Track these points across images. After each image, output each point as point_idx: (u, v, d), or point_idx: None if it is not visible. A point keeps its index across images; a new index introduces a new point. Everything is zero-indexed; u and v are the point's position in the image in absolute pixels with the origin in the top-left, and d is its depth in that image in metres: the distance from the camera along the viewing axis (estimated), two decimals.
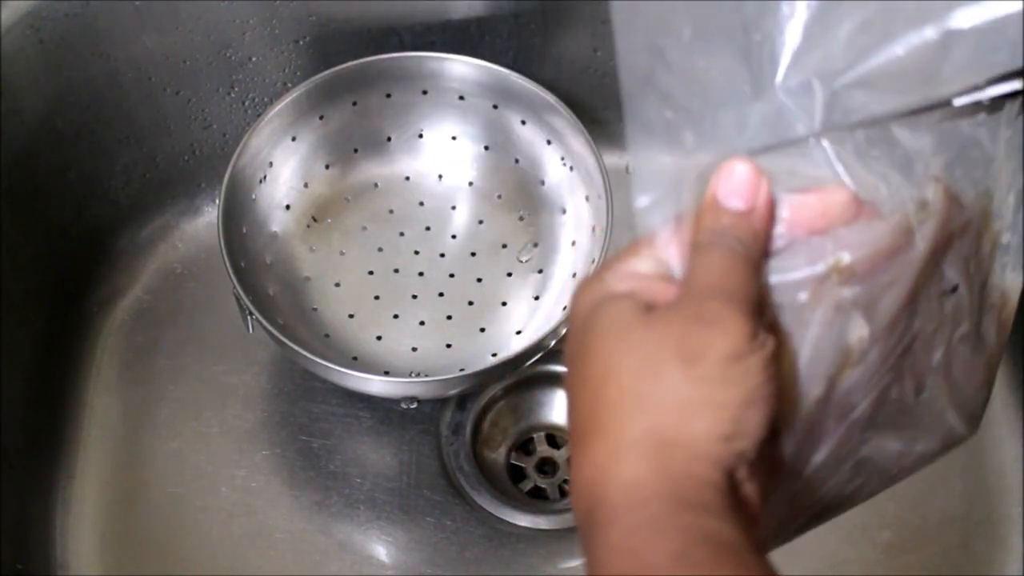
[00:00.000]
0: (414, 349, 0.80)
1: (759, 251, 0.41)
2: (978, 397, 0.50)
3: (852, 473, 0.47)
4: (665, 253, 0.42)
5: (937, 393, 0.48)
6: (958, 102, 0.42)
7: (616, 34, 0.43)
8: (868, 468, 0.47)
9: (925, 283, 0.44)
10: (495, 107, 0.82)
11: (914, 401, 0.47)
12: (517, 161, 0.84)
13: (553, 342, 0.76)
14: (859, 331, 0.42)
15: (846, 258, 0.41)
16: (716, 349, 0.39)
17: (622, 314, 0.41)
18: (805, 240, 0.42)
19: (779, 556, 0.42)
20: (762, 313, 0.41)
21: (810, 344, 0.42)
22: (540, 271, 0.82)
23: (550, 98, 0.79)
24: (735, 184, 0.41)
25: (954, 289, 0.45)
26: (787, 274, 0.42)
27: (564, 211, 0.82)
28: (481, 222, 0.84)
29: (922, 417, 0.48)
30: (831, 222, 0.42)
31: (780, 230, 0.42)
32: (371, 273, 0.83)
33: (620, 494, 0.39)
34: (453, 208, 0.85)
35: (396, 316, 0.81)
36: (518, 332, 0.81)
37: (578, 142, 0.79)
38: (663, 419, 0.39)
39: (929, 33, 0.41)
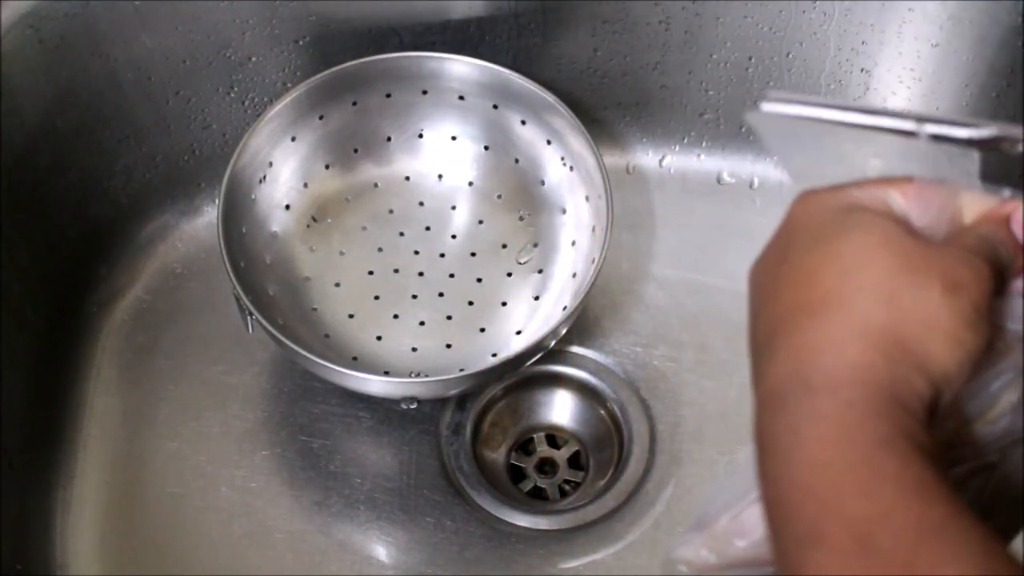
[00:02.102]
0: (414, 349, 0.80)
1: (1006, 276, 0.44)
2: None
3: None
4: (908, 203, 0.44)
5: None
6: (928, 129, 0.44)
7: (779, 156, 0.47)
8: None
9: None
10: (495, 107, 0.82)
11: (977, 501, 0.47)
12: (517, 161, 0.84)
13: (553, 342, 0.76)
14: (1014, 396, 0.44)
15: None
16: (973, 293, 0.41)
17: (889, 223, 0.43)
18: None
19: None
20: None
21: (977, 378, 0.43)
22: (540, 271, 0.82)
23: (550, 98, 0.79)
24: None
25: None
26: (997, 316, 0.43)
27: (564, 211, 0.82)
28: (481, 222, 0.84)
29: None
30: None
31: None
32: (371, 273, 0.83)
33: (845, 368, 0.40)
34: (453, 208, 0.85)
35: (396, 316, 0.81)
36: (518, 332, 0.81)
37: (578, 142, 0.79)
38: (908, 325, 0.41)
39: None
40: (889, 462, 0.38)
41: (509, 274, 0.83)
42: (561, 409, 0.83)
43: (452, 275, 0.83)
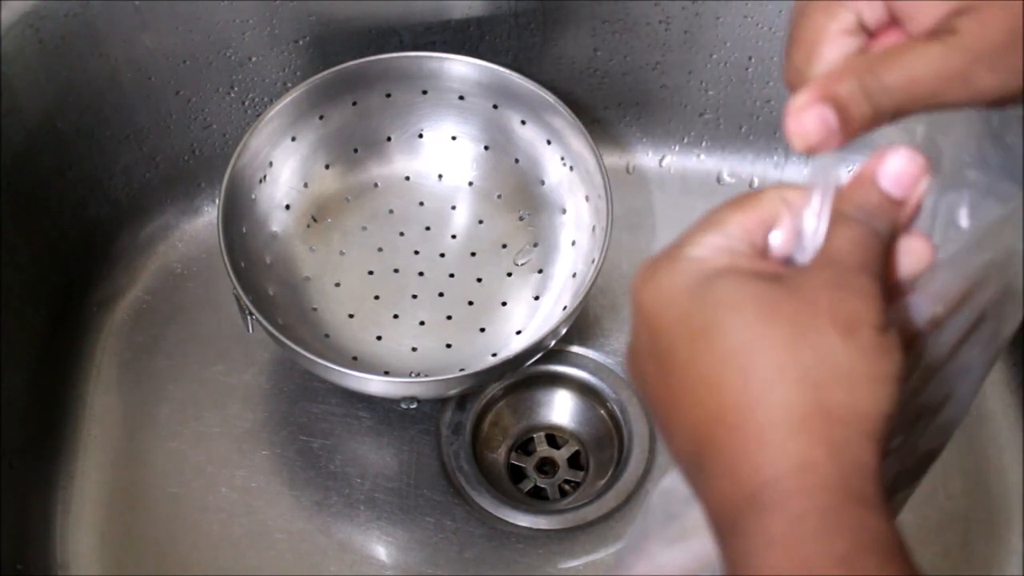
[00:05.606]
0: (414, 349, 0.80)
1: (892, 244, 0.41)
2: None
3: None
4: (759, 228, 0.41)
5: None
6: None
7: None
8: None
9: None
10: (495, 107, 0.82)
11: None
12: (517, 161, 0.84)
13: (553, 342, 0.76)
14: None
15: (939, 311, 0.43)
16: (869, 318, 0.38)
17: (753, 285, 0.39)
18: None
19: None
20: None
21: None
22: (540, 271, 0.82)
23: (550, 98, 0.79)
24: (898, 171, 0.40)
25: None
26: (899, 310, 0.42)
27: (564, 211, 0.82)
28: (481, 222, 0.84)
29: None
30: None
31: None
32: (371, 273, 0.83)
33: (788, 478, 0.37)
34: (453, 208, 0.85)
35: (396, 316, 0.81)
36: (518, 332, 0.81)
37: (578, 142, 0.79)
38: (831, 394, 0.37)
39: None
40: None
41: (509, 274, 0.83)
42: (561, 409, 0.83)
43: (452, 275, 0.83)
